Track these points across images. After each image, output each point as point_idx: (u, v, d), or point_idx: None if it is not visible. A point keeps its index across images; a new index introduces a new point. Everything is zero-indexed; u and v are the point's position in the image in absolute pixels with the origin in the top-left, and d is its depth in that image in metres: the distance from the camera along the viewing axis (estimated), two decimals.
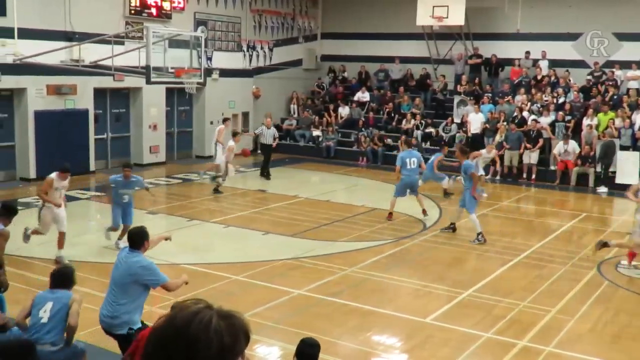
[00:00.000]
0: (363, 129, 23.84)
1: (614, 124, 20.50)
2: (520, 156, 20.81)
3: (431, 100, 25.18)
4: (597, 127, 20.72)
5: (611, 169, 19.70)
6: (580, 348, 8.15)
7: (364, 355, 7.91)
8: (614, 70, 22.93)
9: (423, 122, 23.62)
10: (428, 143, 22.90)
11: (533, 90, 23.30)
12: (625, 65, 22.74)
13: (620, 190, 18.91)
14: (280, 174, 20.01)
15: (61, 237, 10.92)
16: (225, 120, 19.03)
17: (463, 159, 13.32)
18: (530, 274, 11.03)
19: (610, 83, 22.62)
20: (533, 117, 21.53)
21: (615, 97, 22.04)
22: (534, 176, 20.57)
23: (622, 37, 23.27)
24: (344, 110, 25.41)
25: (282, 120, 26.29)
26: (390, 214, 14.55)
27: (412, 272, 11.08)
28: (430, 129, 23.31)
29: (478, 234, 12.78)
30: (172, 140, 22.78)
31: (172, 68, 17.09)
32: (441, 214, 15.27)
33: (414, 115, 23.84)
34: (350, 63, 27.55)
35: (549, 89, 23.12)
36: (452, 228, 13.56)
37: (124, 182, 11.52)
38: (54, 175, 10.76)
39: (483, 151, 18.22)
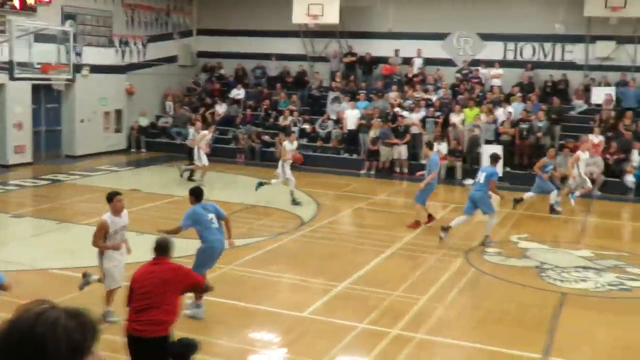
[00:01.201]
0: (241, 126, 23.79)
1: (480, 119, 21.66)
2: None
3: (308, 97, 25.52)
4: (463, 122, 21.83)
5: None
6: (448, 333, 8.58)
7: (243, 353, 7.93)
8: (479, 68, 24.23)
9: (300, 118, 23.91)
10: (305, 139, 23.20)
11: (405, 88, 24.19)
12: (490, 64, 24.09)
13: None
14: (156, 173, 19.60)
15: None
16: (209, 126, 19.04)
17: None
18: (404, 265, 11.47)
19: (476, 81, 23.88)
20: (401, 113, 22.36)
21: (480, 94, 23.29)
22: (406, 170, 21.38)
23: (486, 37, 24.63)
24: (221, 108, 25.23)
25: (157, 117, 25.77)
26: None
27: (290, 268, 11.22)
28: (307, 126, 23.62)
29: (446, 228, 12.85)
30: (39, 139, 21.72)
31: (38, 64, 16.35)
32: (319, 210, 15.54)
33: (291, 112, 24.07)
34: (227, 60, 27.41)
35: (419, 87, 24.08)
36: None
37: None
38: (105, 214, 8.24)
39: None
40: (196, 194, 8.73)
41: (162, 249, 6.47)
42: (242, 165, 22.26)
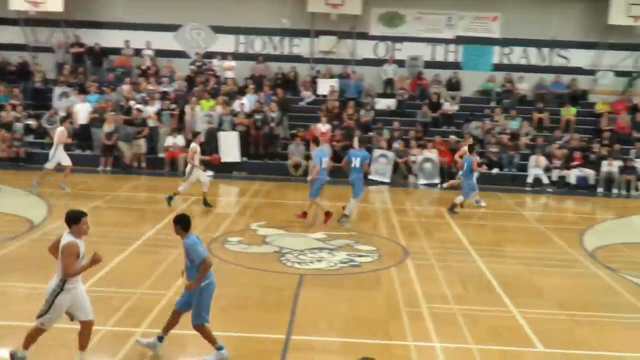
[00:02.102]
0: None
1: (214, 110, 21.98)
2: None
3: (31, 91, 23.72)
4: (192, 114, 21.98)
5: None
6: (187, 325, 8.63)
7: None
8: (212, 60, 24.56)
9: (25, 113, 22.17)
10: (32, 136, 21.60)
11: (139, 80, 23.64)
12: (224, 56, 24.54)
13: (224, 172, 20.45)
14: None
15: (87, 328, 7.31)
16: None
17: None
18: (146, 261, 11.28)
19: (211, 73, 24.17)
20: (137, 106, 21.88)
21: (216, 86, 23.62)
22: (144, 165, 20.98)
23: (219, 30, 25.03)
24: None
25: None
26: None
27: (21, 276, 10.41)
28: (31, 121, 21.97)
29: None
30: None
31: None
32: (50, 211, 14.61)
33: (13, 107, 22.19)
34: None
35: (153, 79, 23.70)
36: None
37: None
38: (68, 236, 7.11)
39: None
40: (187, 223, 7.56)
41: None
42: None
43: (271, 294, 9.99)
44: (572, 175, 21.21)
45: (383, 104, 24.42)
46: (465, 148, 17.99)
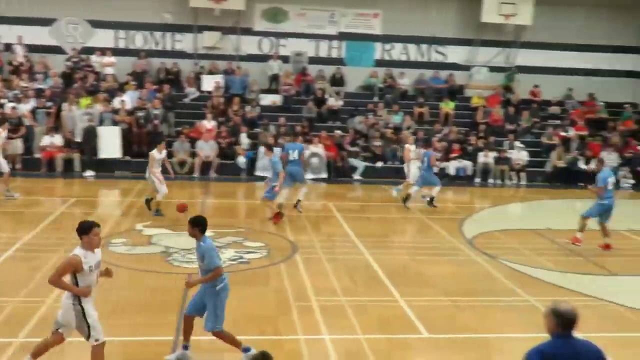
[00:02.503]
0: None
1: (93, 108, 21.17)
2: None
3: None
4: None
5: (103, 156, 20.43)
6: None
7: None
8: (91, 56, 23.65)
9: None
10: None
11: (10, 77, 22.41)
12: (103, 52, 23.68)
13: (105, 172, 19.78)
14: None
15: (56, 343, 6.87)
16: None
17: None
18: (22, 268, 10.72)
19: (89, 69, 23.26)
20: (11, 104, 20.73)
21: (95, 82, 22.75)
22: (19, 166, 19.93)
23: (96, 24, 24.12)
24: None
25: None
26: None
27: None
28: None
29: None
30: None
31: None
32: None
33: None
34: None
35: (26, 75, 22.53)
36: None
37: None
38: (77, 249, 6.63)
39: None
40: (204, 225, 7.43)
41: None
42: None
43: (158, 295, 9.77)
44: (452, 167, 22.09)
45: (269, 99, 24.43)
46: (412, 146, 18.75)
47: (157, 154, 15.03)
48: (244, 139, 21.49)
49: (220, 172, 20.81)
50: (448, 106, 24.63)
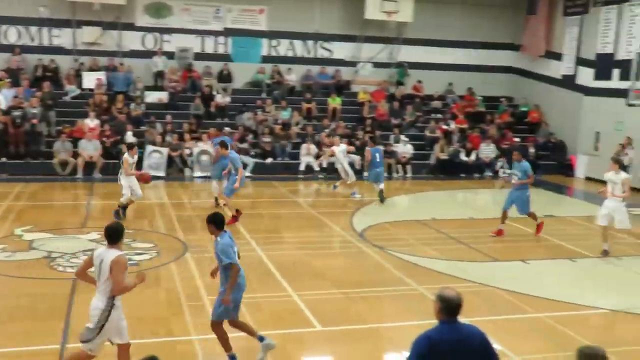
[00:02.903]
0: None
1: None
2: None
3: None
4: None
5: None
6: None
7: None
8: None
9: None
10: None
11: None
12: None
13: None
14: None
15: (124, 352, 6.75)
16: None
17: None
18: None
19: None
20: None
21: None
22: None
23: None
24: None
25: None
26: None
27: None
28: None
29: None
30: None
31: None
32: None
33: None
34: None
35: None
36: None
37: None
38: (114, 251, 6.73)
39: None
40: (221, 222, 7.52)
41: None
42: None
43: (43, 302, 9.36)
44: (316, 163, 22.39)
45: (154, 97, 23.89)
46: (338, 147, 19.20)
47: (131, 158, 14.76)
48: (130, 138, 20.92)
49: (105, 173, 20.15)
50: (335, 102, 25.01)
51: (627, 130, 21.17)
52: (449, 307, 4.88)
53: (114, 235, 6.69)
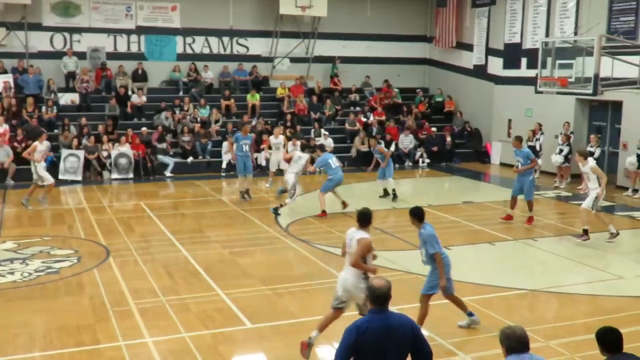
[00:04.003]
0: None
1: None
2: None
3: None
4: None
5: None
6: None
7: None
8: None
9: None
10: None
11: None
12: None
13: None
14: None
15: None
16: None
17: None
18: None
19: None
20: None
21: None
22: None
23: None
24: None
25: None
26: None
27: None
28: None
29: None
30: None
31: None
32: None
33: None
34: None
35: None
36: None
37: None
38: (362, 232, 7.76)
39: None
40: (421, 214, 8.29)
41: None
42: None
43: None
44: (262, 158, 22.36)
45: (66, 98, 23.13)
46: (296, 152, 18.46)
47: (40, 145, 15.77)
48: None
49: (17, 179, 19.38)
50: (254, 98, 24.90)
51: (536, 116, 22.01)
52: (376, 296, 4.95)
53: (363, 219, 7.75)
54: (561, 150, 19.90)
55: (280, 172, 19.08)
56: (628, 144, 19.06)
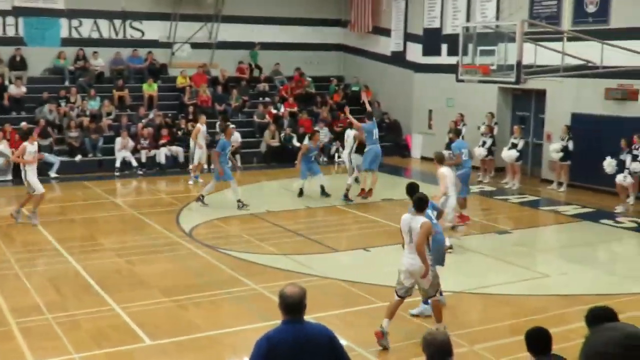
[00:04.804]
0: None
1: None
2: None
3: None
4: None
5: None
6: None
7: None
8: None
9: None
10: None
11: None
12: None
13: None
14: None
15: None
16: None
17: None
18: None
19: None
20: None
21: None
22: None
23: None
24: None
25: None
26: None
27: None
28: None
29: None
30: None
31: None
32: None
33: None
34: None
35: None
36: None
37: None
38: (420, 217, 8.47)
39: None
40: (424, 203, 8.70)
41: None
42: None
43: None
44: (162, 154, 22.01)
45: None
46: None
47: (30, 146, 14.65)
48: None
49: None
50: (151, 88, 24.45)
51: (458, 106, 22.61)
52: (288, 305, 4.93)
53: (420, 204, 8.42)
54: (484, 143, 20.49)
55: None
56: (552, 135, 19.85)
